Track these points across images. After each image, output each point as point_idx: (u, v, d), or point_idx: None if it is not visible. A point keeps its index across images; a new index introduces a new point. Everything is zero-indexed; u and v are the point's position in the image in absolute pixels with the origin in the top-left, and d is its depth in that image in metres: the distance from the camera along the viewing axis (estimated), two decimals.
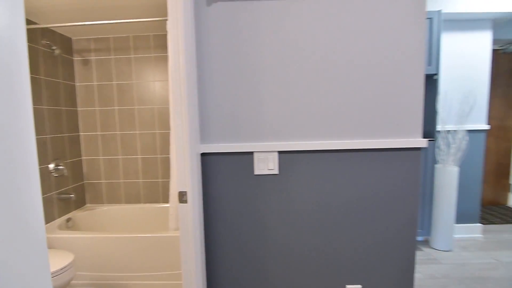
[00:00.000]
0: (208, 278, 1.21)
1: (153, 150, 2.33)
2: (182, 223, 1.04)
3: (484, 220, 3.01)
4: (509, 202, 3.49)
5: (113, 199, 2.39)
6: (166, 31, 2.15)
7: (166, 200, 2.37)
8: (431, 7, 2.27)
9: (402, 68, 1.09)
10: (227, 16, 1.08)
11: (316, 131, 1.13)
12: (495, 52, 3.26)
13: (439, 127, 2.43)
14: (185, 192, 1.02)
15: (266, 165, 1.14)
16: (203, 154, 1.15)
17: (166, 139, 2.32)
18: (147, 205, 2.35)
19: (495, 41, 3.15)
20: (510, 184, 3.47)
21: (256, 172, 1.14)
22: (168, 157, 2.32)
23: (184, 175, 1.01)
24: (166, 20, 1.69)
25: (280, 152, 1.14)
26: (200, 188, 1.12)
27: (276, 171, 1.15)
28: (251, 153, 1.14)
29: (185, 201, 1.03)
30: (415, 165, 1.14)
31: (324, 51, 1.09)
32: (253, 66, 1.10)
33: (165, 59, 2.25)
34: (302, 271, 1.20)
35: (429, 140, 2.32)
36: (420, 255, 2.30)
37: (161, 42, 2.24)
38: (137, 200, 2.38)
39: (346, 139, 1.13)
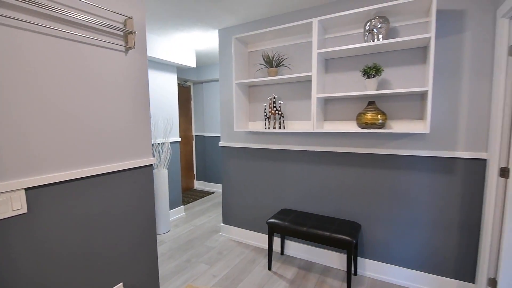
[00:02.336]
0: None
1: None
2: None
3: (184, 202, 4.32)
4: (195, 186, 5.24)
5: None
6: None
7: None
8: None
9: (136, 107, 1.51)
10: None
11: (69, 161, 1.22)
12: (179, 86, 4.69)
13: (153, 141, 3.16)
14: None
15: (10, 206, 1.04)
16: None
17: None
18: None
19: (179, 79, 4.57)
20: (194, 174, 5.21)
21: None
22: None
23: None
24: None
25: (27, 189, 1.09)
26: None
27: (24, 210, 1.08)
28: None
29: None
30: (150, 177, 1.62)
31: (72, 91, 1.22)
32: None
33: None
34: None
35: None
36: None
37: None
38: None
39: (98, 165, 1.33)
